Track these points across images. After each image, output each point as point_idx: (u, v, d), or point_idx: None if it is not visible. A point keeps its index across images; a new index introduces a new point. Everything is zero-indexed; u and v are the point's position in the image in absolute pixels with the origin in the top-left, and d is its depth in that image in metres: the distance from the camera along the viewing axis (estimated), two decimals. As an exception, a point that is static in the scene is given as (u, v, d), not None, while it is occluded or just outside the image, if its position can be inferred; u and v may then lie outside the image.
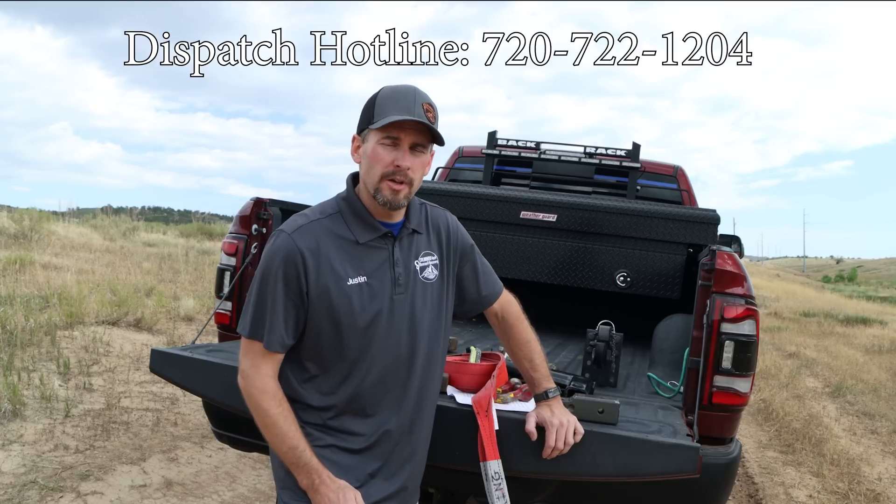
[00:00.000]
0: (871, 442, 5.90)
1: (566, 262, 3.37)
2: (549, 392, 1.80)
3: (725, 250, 2.31)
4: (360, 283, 1.57)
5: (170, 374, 2.19)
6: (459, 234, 1.79)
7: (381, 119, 1.54)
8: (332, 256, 1.56)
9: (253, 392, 1.56)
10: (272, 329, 1.54)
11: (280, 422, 1.54)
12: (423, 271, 1.67)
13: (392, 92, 1.58)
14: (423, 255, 1.68)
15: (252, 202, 2.80)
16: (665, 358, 2.80)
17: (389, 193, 1.56)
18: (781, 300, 21.54)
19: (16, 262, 9.04)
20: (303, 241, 1.55)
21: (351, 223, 1.60)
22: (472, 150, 4.97)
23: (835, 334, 13.39)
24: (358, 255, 1.59)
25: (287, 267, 1.53)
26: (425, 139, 1.59)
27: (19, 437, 3.92)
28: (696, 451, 1.75)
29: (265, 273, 1.56)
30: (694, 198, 4.72)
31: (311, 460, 1.55)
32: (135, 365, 5.66)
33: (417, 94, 1.57)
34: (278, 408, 1.55)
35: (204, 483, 3.75)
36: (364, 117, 1.61)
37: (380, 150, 1.56)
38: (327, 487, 1.54)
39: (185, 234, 18.71)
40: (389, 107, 1.55)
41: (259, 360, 1.57)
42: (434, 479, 1.87)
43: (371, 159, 1.57)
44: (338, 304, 1.54)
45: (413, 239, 1.68)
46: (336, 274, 1.55)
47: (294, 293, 1.54)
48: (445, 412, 1.89)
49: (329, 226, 1.59)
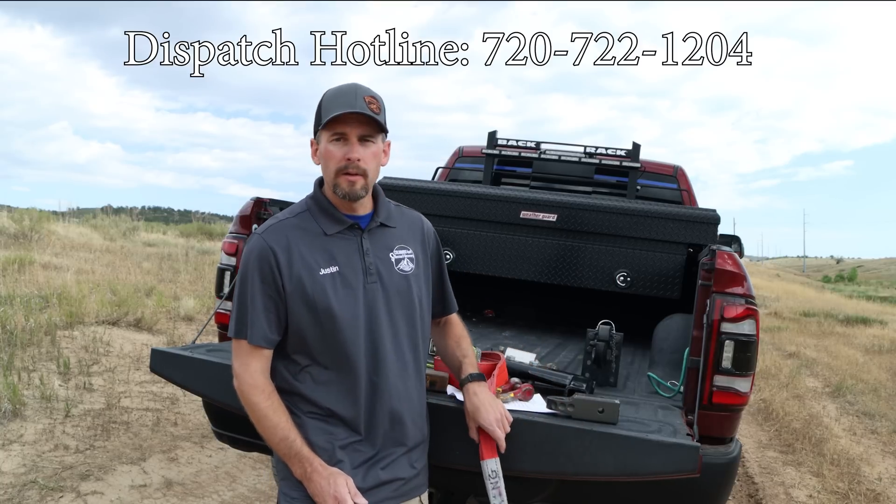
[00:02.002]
0: (871, 442, 5.90)
1: (566, 261, 3.37)
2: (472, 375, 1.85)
3: (725, 250, 2.31)
4: (332, 272, 1.65)
5: (170, 373, 2.19)
6: (433, 236, 1.88)
7: (326, 118, 1.63)
8: (303, 250, 1.64)
9: (244, 388, 1.64)
10: (254, 325, 1.62)
11: (270, 414, 1.61)
12: (399, 263, 1.74)
13: (335, 92, 1.67)
14: (398, 248, 1.76)
15: (252, 202, 2.80)
16: (665, 358, 2.80)
17: (346, 185, 1.64)
18: (781, 300, 21.53)
19: (15, 262, 9.04)
20: (273, 238, 1.65)
21: (318, 218, 1.70)
22: (472, 150, 4.97)
23: (835, 334, 13.38)
24: (328, 246, 1.67)
25: (261, 265, 1.63)
26: (372, 130, 1.66)
27: (19, 436, 3.92)
28: (696, 451, 1.75)
29: (243, 274, 1.66)
30: (694, 198, 4.72)
31: (303, 450, 1.61)
32: (135, 365, 5.66)
33: (359, 89, 1.65)
34: (267, 401, 1.62)
35: (204, 483, 3.75)
36: (315, 121, 1.70)
37: (330, 147, 1.65)
38: (319, 475, 1.59)
39: (185, 234, 18.70)
40: (333, 106, 1.63)
41: (247, 359, 1.64)
42: (434, 479, 1.87)
43: (325, 158, 1.67)
44: (313, 293, 1.62)
45: (385, 232, 1.75)
46: (308, 265, 1.63)
47: (271, 289, 1.63)
48: (445, 412, 1.89)
49: (297, 223, 1.69)
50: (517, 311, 4.12)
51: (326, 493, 1.57)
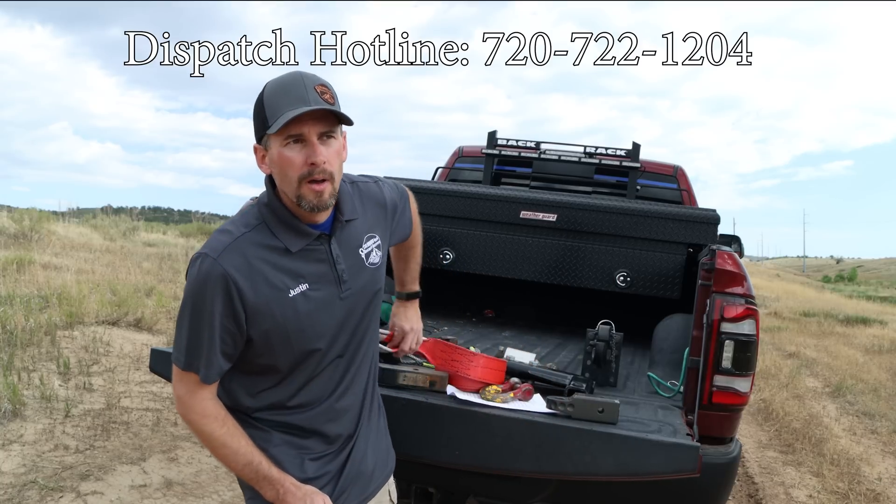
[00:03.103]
0: (871, 442, 5.90)
1: (566, 261, 3.37)
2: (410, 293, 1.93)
3: (725, 250, 2.32)
4: (302, 290, 1.46)
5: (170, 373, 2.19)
6: (390, 197, 1.73)
7: (277, 120, 1.39)
8: (266, 271, 1.43)
9: (193, 418, 1.47)
10: (209, 363, 1.43)
11: (228, 441, 1.46)
12: (369, 257, 1.59)
13: (278, 86, 1.42)
14: (367, 239, 1.60)
15: (252, 202, 2.80)
16: (665, 358, 2.80)
17: (313, 197, 1.42)
18: (781, 300, 21.52)
19: (15, 262, 9.04)
20: (230, 262, 1.40)
21: (278, 231, 1.46)
22: (472, 150, 4.97)
23: (835, 334, 13.38)
24: (293, 264, 1.46)
25: (220, 294, 1.39)
26: (331, 124, 1.43)
27: (19, 436, 3.92)
28: (695, 451, 1.75)
29: (196, 303, 1.42)
30: (694, 197, 4.72)
31: (271, 471, 1.48)
32: (135, 365, 5.66)
33: (306, 78, 1.41)
34: (222, 428, 1.46)
35: (204, 483, 3.75)
36: (258, 123, 1.45)
37: (287, 153, 1.40)
38: (293, 496, 1.47)
39: (185, 234, 18.70)
40: (280, 103, 1.39)
41: (195, 388, 1.46)
42: (434, 479, 1.87)
43: (281, 166, 1.42)
44: (283, 318, 1.44)
45: (350, 228, 1.57)
46: (275, 288, 1.43)
47: (230, 321, 1.41)
48: (445, 412, 1.89)
49: (255, 238, 1.45)
50: (517, 311, 4.12)
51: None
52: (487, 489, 2.13)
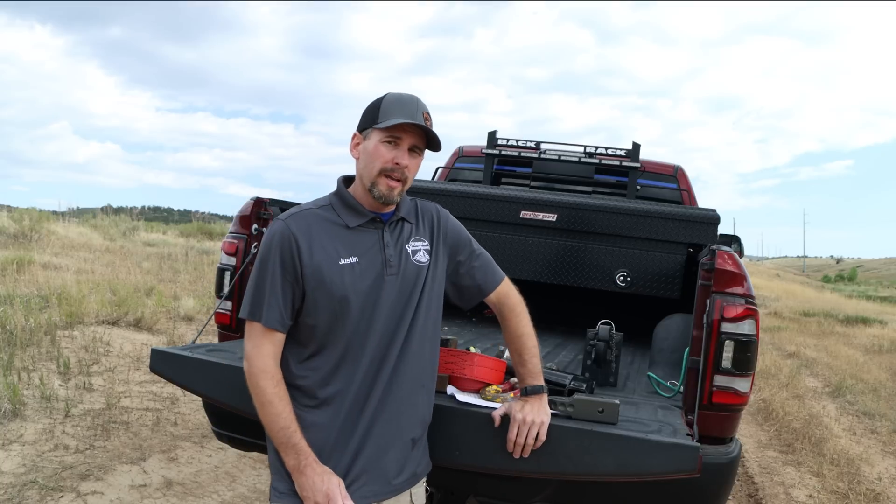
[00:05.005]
0: (871, 442, 5.91)
1: (566, 261, 3.37)
2: (528, 388, 1.85)
3: (725, 250, 2.31)
4: (351, 262, 1.67)
5: (170, 373, 2.19)
6: (450, 224, 1.90)
7: (387, 120, 1.67)
8: (324, 239, 1.67)
9: (253, 371, 1.64)
10: (270, 307, 1.64)
11: (276, 401, 1.62)
12: (415, 255, 1.77)
13: (397, 98, 1.72)
14: (414, 240, 1.79)
15: (252, 202, 2.80)
16: (665, 357, 2.81)
17: (385, 188, 1.69)
18: (781, 300, 21.54)
19: (15, 261, 9.04)
20: (295, 225, 1.67)
21: (341, 212, 1.73)
22: (472, 150, 4.97)
23: (835, 334, 13.39)
24: (349, 238, 1.70)
25: (282, 249, 1.65)
26: (422, 143, 1.73)
27: (19, 436, 3.92)
28: (695, 451, 1.75)
29: (262, 257, 1.68)
30: (694, 197, 4.72)
31: (300, 442, 1.62)
32: (135, 365, 5.66)
33: (419, 104, 1.72)
34: (275, 388, 1.63)
35: (204, 483, 3.75)
36: (368, 117, 1.73)
37: (382, 147, 1.68)
38: (313, 470, 1.61)
39: (185, 234, 18.70)
40: (394, 111, 1.69)
41: (260, 341, 1.65)
42: (434, 479, 1.87)
43: (372, 155, 1.69)
44: (331, 282, 1.64)
45: (403, 226, 1.79)
46: (328, 254, 1.66)
47: (289, 273, 1.65)
48: (445, 412, 1.89)
49: (321, 214, 1.72)
50: None
51: (318, 488, 1.58)
52: (487, 489, 2.13)
